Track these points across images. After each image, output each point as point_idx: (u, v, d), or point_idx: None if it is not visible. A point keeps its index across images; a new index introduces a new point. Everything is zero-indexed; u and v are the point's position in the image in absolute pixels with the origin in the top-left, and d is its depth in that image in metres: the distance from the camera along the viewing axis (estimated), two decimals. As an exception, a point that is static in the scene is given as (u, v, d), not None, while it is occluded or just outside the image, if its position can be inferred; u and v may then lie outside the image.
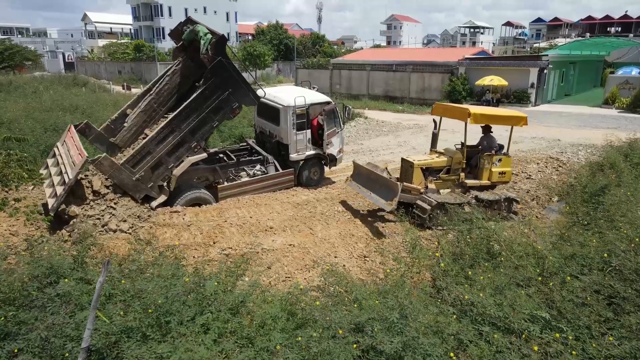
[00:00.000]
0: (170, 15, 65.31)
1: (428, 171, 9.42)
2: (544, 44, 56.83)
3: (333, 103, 11.40)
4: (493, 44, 75.11)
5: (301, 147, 10.99)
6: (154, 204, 8.78)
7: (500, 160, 9.47)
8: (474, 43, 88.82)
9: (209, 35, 9.02)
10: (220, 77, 9.01)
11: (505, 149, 9.78)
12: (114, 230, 7.84)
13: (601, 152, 13.73)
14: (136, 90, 25.86)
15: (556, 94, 31.02)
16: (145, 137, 9.17)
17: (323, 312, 4.26)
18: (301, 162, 11.16)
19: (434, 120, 10.24)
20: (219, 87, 9.06)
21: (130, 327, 3.91)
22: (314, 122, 11.33)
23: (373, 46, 69.15)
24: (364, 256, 7.64)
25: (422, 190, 9.12)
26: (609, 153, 11.99)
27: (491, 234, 6.21)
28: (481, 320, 4.37)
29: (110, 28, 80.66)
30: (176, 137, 8.85)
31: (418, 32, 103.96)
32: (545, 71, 27.52)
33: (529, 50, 58.32)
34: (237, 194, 10.09)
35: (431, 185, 9.29)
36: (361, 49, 58.62)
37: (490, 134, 9.83)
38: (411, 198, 9.03)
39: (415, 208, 8.78)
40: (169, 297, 4.22)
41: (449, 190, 9.40)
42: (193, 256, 7.16)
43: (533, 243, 5.96)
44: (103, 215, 8.06)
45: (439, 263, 5.83)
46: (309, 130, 11.04)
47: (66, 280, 4.52)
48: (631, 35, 57.51)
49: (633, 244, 5.52)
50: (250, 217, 8.90)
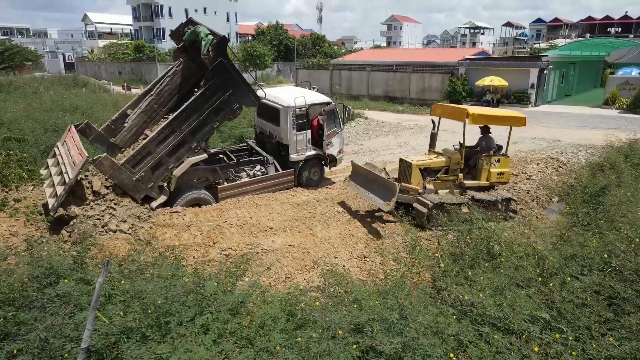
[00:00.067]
0: (170, 15, 65.43)
1: (426, 171, 9.41)
2: (544, 45, 56.79)
3: (333, 103, 11.40)
4: (493, 44, 75.21)
5: (301, 148, 10.99)
6: (154, 204, 8.78)
7: (498, 160, 9.47)
8: (474, 43, 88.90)
9: (210, 36, 9.04)
10: (221, 78, 9.02)
11: (504, 150, 9.78)
12: (114, 231, 7.84)
13: (601, 153, 13.73)
14: (136, 91, 25.89)
15: (556, 95, 31.02)
16: (145, 138, 9.17)
17: (323, 312, 4.27)
18: (301, 163, 11.16)
19: (432, 121, 10.24)
20: (219, 88, 9.07)
21: (130, 327, 3.91)
22: (314, 122, 11.33)
23: (373, 47, 69.13)
24: (364, 257, 7.64)
25: (420, 191, 9.12)
26: (609, 153, 11.98)
27: (491, 235, 6.21)
28: (481, 320, 4.36)
29: (111, 28, 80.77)
30: (177, 138, 8.85)
31: (418, 33, 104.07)
32: (545, 72, 27.52)
33: (529, 50, 58.40)
34: (237, 194, 10.10)
35: (429, 186, 9.28)
36: (361, 49, 58.61)
37: (489, 135, 9.83)
38: (409, 198, 9.03)
39: (414, 209, 8.79)
40: (169, 297, 4.22)
41: (448, 190, 9.39)
42: (193, 257, 7.16)
43: (533, 243, 5.95)
44: (103, 216, 8.06)
45: (439, 263, 5.83)
46: (309, 130, 11.05)
47: (66, 280, 4.52)
48: (631, 36, 57.45)
49: (633, 244, 5.51)
50: (250, 218, 8.90)
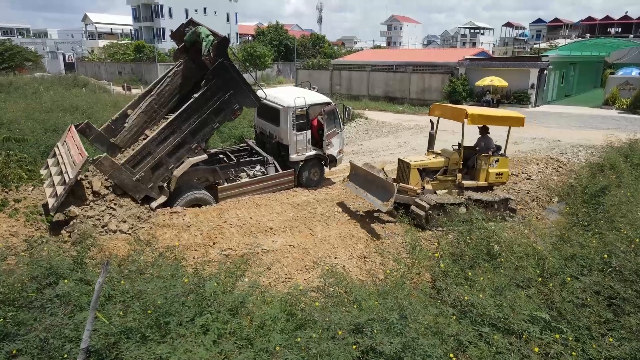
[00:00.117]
0: (170, 16, 65.46)
1: (425, 172, 9.41)
2: (544, 45, 56.81)
3: (333, 104, 11.40)
4: (493, 44, 75.17)
5: (301, 148, 10.99)
6: (154, 204, 8.78)
7: (497, 161, 9.47)
8: (474, 44, 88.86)
9: (211, 37, 9.05)
10: (222, 78, 9.03)
11: (502, 150, 9.78)
12: (114, 231, 7.84)
13: (601, 153, 13.73)
14: (136, 91, 25.90)
15: (556, 95, 31.02)
16: (145, 138, 9.18)
17: (323, 313, 4.27)
18: (301, 163, 11.16)
19: (431, 121, 10.25)
20: (220, 89, 9.07)
21: (130, 327, 3.91)
22: (314, 122, 11.33)
23: (373, 47, 69.14)
24: (364, 257, 7.63)
25: (418, 191, 9.12)
26: (609, 154, 11.98)
27: (491, 235, 6.21)
28: (481, 321, 4.36)
29: (111, 29, 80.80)
30: (177, 138, 8.86)
31: (418, 33, 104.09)
32: (545, 72, 27.52)
33: (529, 51, 58.36)
34: (237, 194, 10.10)
35: (428, 186, 9.28)
36: (361, 49, 58.61)
37: (488, 135, 9.82)
38: (408, 199, 9.03)
39: (413, 206, 8.79)
40: (169, 297, 4.22)
41: (446, 191, 9.40)
42: (193, 257, 7.16)
43: (533, 244, 5.95)
44: (103, 216, 8.06)
45: (438, 264, 5.83)
46: (309, 130, 11.05)
47: (66, 281, 4.51)
48: (631, 36, 57.47)
49: (633, 244, 5.51)
50: (250, 218, 8.90)
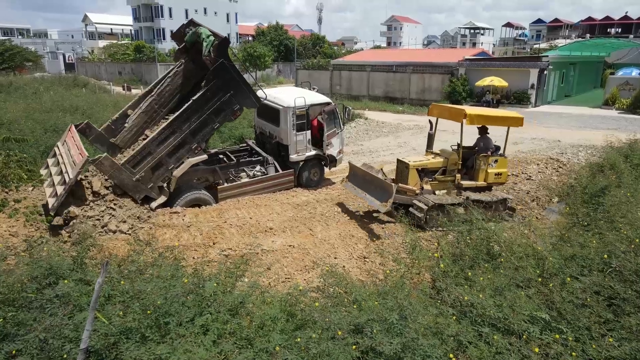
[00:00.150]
0: (170, 16, 65.49)
1: (424, 172, 9.41)
2: (544, 45, 56.80)
3: (333, 104, 11.40)
4: (493, 44, 75.17)
5: (301, 148, 10.99)
6: (154, 204, 8.78)
7: (496, 161, 9.47)
8: (474, 44, 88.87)
9: (212, 38, 9.05)
10: (222, 79, 9.03)
11: (501, 150, 9.78)
12: (114, 231, 7.84)
13: (601, 153, 13.73)
14: (136, 91, 25.90)
15: (556, 95, 31.03)
16: (145, 138, 9.18)
17: (322, 313, 4.26)
18: (301, 163, 11.16)
19: (430, 121, 10.26)
20: (220, 89, 9.08)
21: (129, 328, 3.91)
22: (313, 122, 11.33)
23: (373, 47, 69.11)
24: (364, 257, 7.63)
25: (417, 192, 9.12)
26: (609, 154, 11.97)
27: (491, 235, 6.20)
28: (481, 321, 4.36)
29: (111, 29, 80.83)
30: (177, 138, 8.86)
31: (418, 33, 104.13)
32: (545, 72, 27.52)
33: (529, 51, 58.30)
34: (237, 194, 10.09)
35: (427, 187, 9.28)
36: (361, 49, 58.60)
37: (487, 135, 9.82)
38: (406, 199, 9.02)
39: (411, 209, 8.78)
40: (168, 298, 4.21)
41: (445, 191, 9.40)
42: (193, 257, 7.16)
43: (533, 244, 5.94)
44: (103, 216, 8.06)
45: (438, 264, 5.82)
46: (309, 131, 11.05)
47: (65, 281, 4.51)
48: (631, 36, 57.46)
49: (633, 245, 5.50)
50: (250, 218, 8.90)
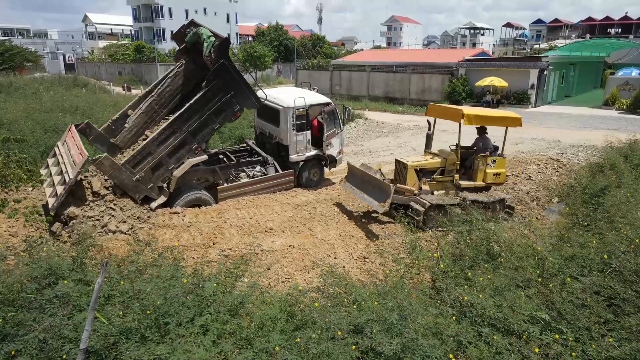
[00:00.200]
0: (170, 16, 65.50)
1: (422, 172, 9.41)
2: (544, 45, 56.76)
3: (333, 104, 11.40)
4: (493, 45, 75.21)
5: (301, 148, 10.99)
6: (154, 205, 8.78)
7: (494, 161, 9.47)
8: (474, 44, 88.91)
9: (212, 38, 9.05)
10: (223, 79, 9.03)
11: (500, 150, 9.78)
12: (114, 231, 7.84)
13: (601, 153, 13.71)
14: (136, 92, 25.92)
15: (556, 95, 31.02)
16: (145, 138, 9.18)
17: (322, 313, 4.25)
18: (301, 163, 11.16)
19: (428, 122, 10.26)
20: (221, 90, 9.08)
21: (129, 328, 3.90)
22: (313, 123, 11.32)
23: (373, 47, 69.12)
24: (364, 257, 7.63)
25: (415, 192, 9.12)
26: (609, 154, 11.96)
27: (491, 235, 6.20)
28: (481, 321, 4.35)
29: (111, 29, 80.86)
30: (177, 139, 8.86)
31: (418, 33, 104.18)
32: (545, 72, 27.52)
33: (529, 51, 58.30)
34: (237, 195, 10.09)
35: (425, 187, 9.28)
36: (361, 50, 58.59)
37: (486, 135, 9.82)
38: (405, 199, 9.02)
39: (410, 209, 8.78)
40: (168, 298, 4.21)
41: (444, 191, 9.40)
42: (192, 257, 7.15)
43: (533, 244, 5.93)
44: (102, 216, 8.06)
45: (438, 264, 5.82)
46: (309, 131, 11.05)
47: (65, 281, 4.51)
48: (631, 37, 57.43)
49: (633, 245, 5.50)
50: (250, 218, 8.89)
